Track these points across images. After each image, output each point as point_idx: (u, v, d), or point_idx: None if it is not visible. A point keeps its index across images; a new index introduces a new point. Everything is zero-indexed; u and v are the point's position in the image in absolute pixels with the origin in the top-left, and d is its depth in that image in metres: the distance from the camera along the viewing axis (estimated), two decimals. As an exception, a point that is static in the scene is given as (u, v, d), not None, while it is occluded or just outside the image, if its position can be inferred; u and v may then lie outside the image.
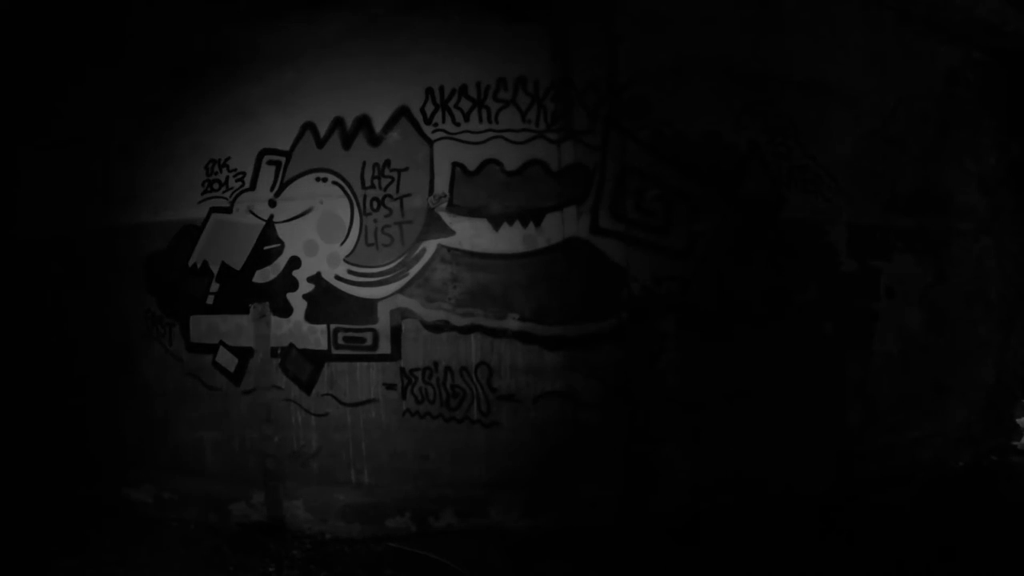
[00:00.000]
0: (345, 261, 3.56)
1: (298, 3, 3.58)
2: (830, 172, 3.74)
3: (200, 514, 3.74)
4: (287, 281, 3.61)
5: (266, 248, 3.64)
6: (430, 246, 3.49)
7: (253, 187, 3.66)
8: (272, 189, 3.63)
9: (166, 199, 3.77)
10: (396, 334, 3.52)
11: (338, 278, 3.57)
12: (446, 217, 3.48)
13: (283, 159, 3.62)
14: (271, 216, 3.64)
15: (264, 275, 3.65)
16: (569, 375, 3.45)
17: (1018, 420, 4.67)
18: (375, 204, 3.53)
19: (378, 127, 3.52)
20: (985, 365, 4.49)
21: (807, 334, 3.69)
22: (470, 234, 3.46)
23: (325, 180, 3.58)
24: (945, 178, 4.24)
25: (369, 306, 3.54)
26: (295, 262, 3.61)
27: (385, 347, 3.53)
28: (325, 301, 3.57)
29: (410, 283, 3.51)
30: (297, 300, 3.61)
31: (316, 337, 3.60)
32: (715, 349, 3.55)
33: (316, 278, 3.59)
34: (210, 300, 3.72)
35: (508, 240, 3.45)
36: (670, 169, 3.47)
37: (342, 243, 3.56)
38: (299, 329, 3.61)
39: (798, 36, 3.71)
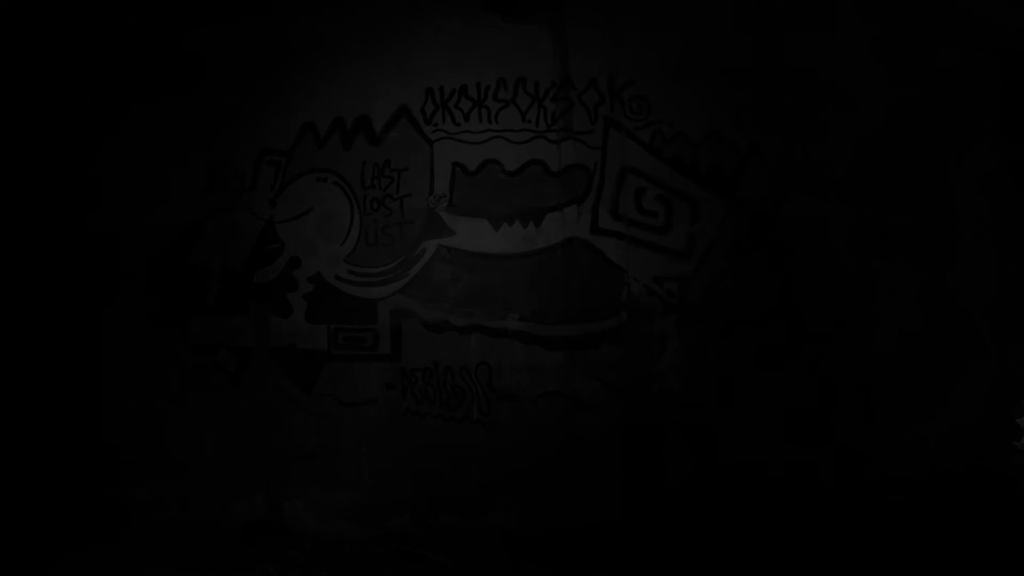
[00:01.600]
0: (345, 261, 3.56)
1: (299, 4, 3.59)
2: (830, 172, 3.74)
3: (200, 514, 3.74)
4: (287, 281, 3.62)
5: (266, 248, 3.64)
6: (430, 246, 3.49)
7: (253, 187, 3.66)
8: (272, 189, 3.64)
9: (167, 199, 3.77)
10: (396, 334, 3.52)
11: (338, 278, 3.57)
12: (446, 217, 3.48)
13: (283, 159, 3.62)
14: (271, 216, 3.64)
15: (264, 275, 3.65)
16: (569, 375, 3.45)
17: (1018, 420, 4.67)
18: (375, 204, 3.53)
19: (378, 127, 3.52)
20: (985, 365, 4.49)
21: (807, 334, 3.69)
22: (470, 234, 3.47)
23: (325, 180, 3.58)
24: (945, 178, 4.24)
25: (369, 306, 3.54)
26: (295, 262, 3.61)
27: (385, 347, 3.54)
28: (325, 301, 3.58)
29: (410, 283, 3.51)
30: (297, 300, 3.61)
31: (316, 337, 3.60)
32: (715, 349, 3.55)
33: (316, 278, 3.59)
34: (210, 300, 3.72)
35: (508, 240, 3.45)
36: (670, 169, 3.47)
37: (342, 243, 3.56)
38: (299, 329, 3.61)
39: (798, 36, 3.71)
